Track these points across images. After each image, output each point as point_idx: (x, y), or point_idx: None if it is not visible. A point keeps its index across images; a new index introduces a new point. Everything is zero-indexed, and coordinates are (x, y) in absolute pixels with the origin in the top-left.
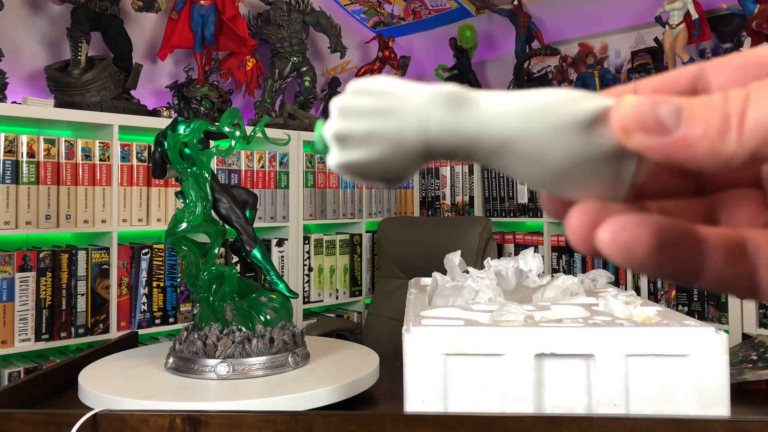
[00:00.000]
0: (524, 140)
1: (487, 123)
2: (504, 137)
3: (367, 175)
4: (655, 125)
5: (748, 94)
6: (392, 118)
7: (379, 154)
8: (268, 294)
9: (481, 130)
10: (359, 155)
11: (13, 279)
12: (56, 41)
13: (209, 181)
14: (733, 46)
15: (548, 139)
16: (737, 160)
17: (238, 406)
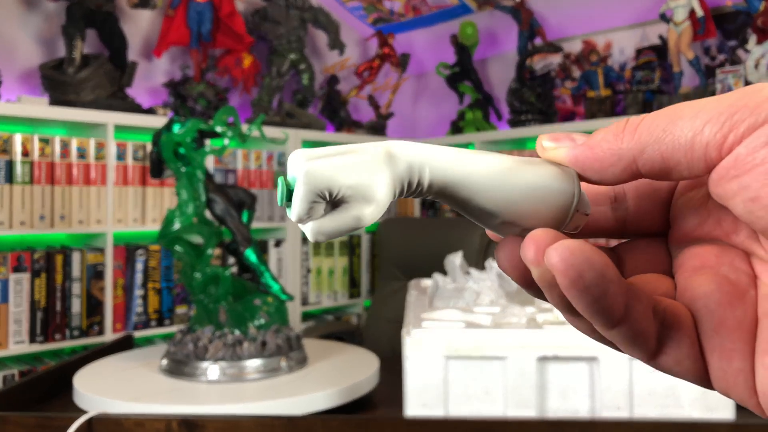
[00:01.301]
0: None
1: (448, 163)
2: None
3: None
4: (566, 138)
5: (643, 116)
6: (361, 172)
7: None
8: (263, 296)
9: (448, 166)
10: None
11: (7, 280)
12: (51, 39)
13: (203, 180)
14: (738, 44)
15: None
16: (628, 155)
17: (235, 410)
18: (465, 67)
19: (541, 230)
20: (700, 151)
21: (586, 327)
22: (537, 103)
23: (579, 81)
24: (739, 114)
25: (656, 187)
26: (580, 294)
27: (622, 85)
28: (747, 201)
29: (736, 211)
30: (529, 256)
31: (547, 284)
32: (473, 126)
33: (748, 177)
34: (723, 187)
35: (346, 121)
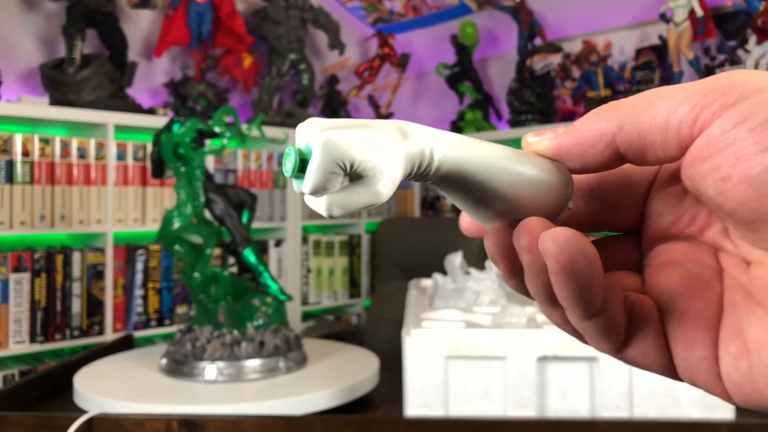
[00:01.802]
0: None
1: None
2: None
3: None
4: (548, 131)
5: (622, 99)
6: (378, 148)
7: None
8: (262, 297)
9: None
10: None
11: (8, 280)
12: (51, 39)
13: (202, 180)
14: (738, 44)
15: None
16: (607, 133)
17: (235, 410)
18: (465, 67)
19: (535, 219)
20: (673, 129)
21: (560, 318)
22: (537, 103)
23: (579, 81)
24: (711, 95)
25: (634, 182)
26: (569, 280)
27: (622, 85)
28: (718, 181)
29: (708, 193)
30: (523, 243)
31: (536, 271)
32: (473, 126)
33: (720, 157)
34: (696, 168)
35: None
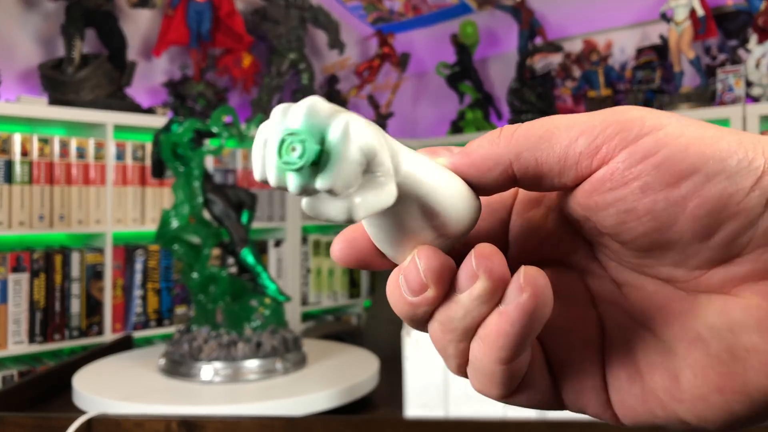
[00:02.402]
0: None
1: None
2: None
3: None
4: (443, 149)
5: (519, 125)
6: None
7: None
8: (260, 297)
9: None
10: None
11: (6, 280)
12: (50, 38)
13: (200, 180)
14: (739, 43)
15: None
16: (504, 158)
17: (235, 411)
18: (465, 66)
19: (488, 245)
20: (573, 160)
21: (459, 353)
22: (537, 103)
23: (579, 81)
24: (611, 129)
25: (493, 208)
26: (531, 322)
27: (623, 84)
28: (621, 212)
29: (605, 223)
30: (494, 267)
31: (483, 299)
32: (473, 126)
33: (624, 190)
34: (595, 198)
35: None
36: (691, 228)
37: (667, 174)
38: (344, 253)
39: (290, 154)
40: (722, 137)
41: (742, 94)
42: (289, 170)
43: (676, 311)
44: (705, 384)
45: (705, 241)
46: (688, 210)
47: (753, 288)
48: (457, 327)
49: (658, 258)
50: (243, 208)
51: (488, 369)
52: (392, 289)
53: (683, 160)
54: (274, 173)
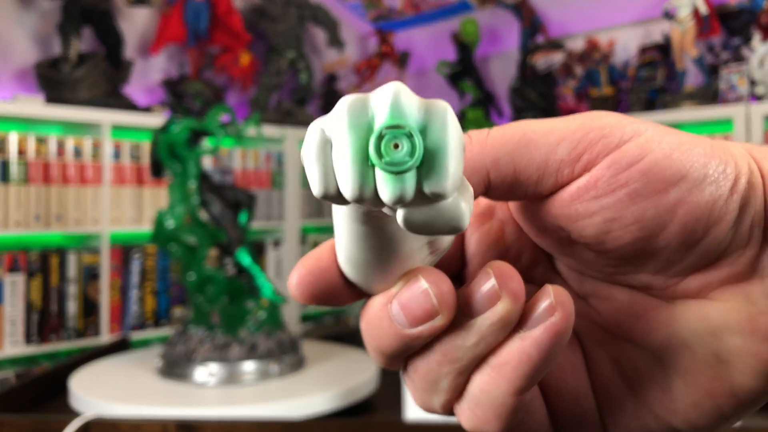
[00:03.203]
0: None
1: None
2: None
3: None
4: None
5: (488, 130)
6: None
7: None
8: (257, 299)
9: None
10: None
11: (2, 281)
12: (47, 37)
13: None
14: (743, 41)
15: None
16: (480, 165)
17: (233, 413)
18: (466, 65)
19: (505, 263)
20: (553, 168)
21: (453, 389)
22: (539, 102)
23: (582, 79)
24: (593, 134)
25: None
26: (554, 347)
27: (626, 83)
28: (606, 221)
29: (586, 232)
30: (517, 288)
31: (507, 322)
32: (474, 125)
33: (611, 197)
34: (576, 207)
35: None
36: (678, 235)
37: (655, 181)
38: (308, 288)
39: (394, 152)
40: (697, 143)
41: (745, 93)
42: (395, 172)
43: (655, 320)
44: (696, 391)
45: (691, 248)
46: (678, 217)
47: (731, 291)
48: (464, 356)
49: (639, 266)
50: (241, 209)
51: (498, 401)
52: (376, 322)
53: (670, 167)
54: (356, 181)
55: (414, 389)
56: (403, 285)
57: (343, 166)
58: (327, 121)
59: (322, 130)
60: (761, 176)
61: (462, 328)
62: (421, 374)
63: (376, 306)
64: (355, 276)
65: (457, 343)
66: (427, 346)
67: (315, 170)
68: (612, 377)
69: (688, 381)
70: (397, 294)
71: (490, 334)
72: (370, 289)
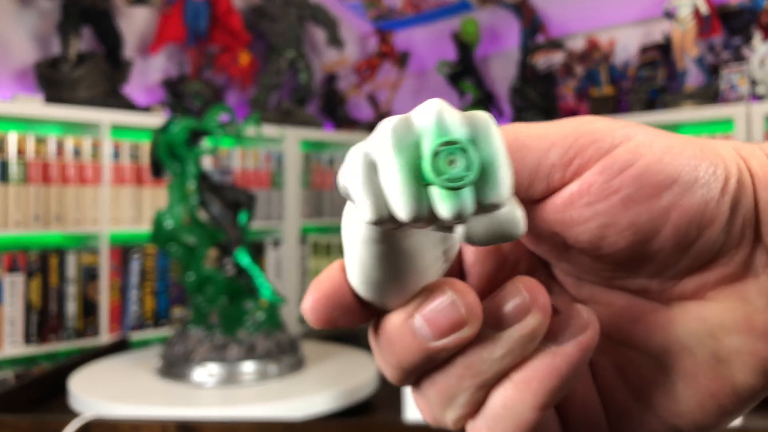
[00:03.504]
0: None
1: None
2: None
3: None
4: None
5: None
6: None
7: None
8: (255, 299)
9: None
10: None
11: (2, 281)
12: (46, 36)
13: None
14: (743, 41)
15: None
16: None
17: (233, 413)
18: (466, 64)
19: (529, 278)
20: (544, 172)
21: (472, 402)
22: (539, 102)
23: (582, 79)
24: (584, 139)
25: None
26: (586, 362)
27: (626, 83)
28: (601, 227)
29: (581, 237)
30: (546, 302)
31: (535, 336)
32: None
33: (604, 203)
34: (570, 213)
35: (345, 119)
36: (673, 238)
37: (648, 185)
38: (323, 312)
39: (451, 168)
40: (686, 146)
41: (746, 93)
42: (455, 187)
43: (654, 323)
44: (699, 392)
45: (685, 251)
46: (671, 221)
47: (726, 291)
48: (488, 370)
49: (635, 270)
50: (240, 209)
51: (522, 417)
52: (397, 337)
53: (661, 171)
54: (412, 202)
55: (426, 405)
56: (426, 298)
57: (396, 188)
58: (370, 146)
59: (366, 154)
60: (750, 175)
61: (488, 341)
62: (438, 388)
63: (396, 321)
64: (371, 294)
65: (483, 356)
66: (448, 360)
67: (365, 197)
68: (616, 384)
69: (690, 383)
70: (420, 307)
71: (518, 347)
72: (386, 306)
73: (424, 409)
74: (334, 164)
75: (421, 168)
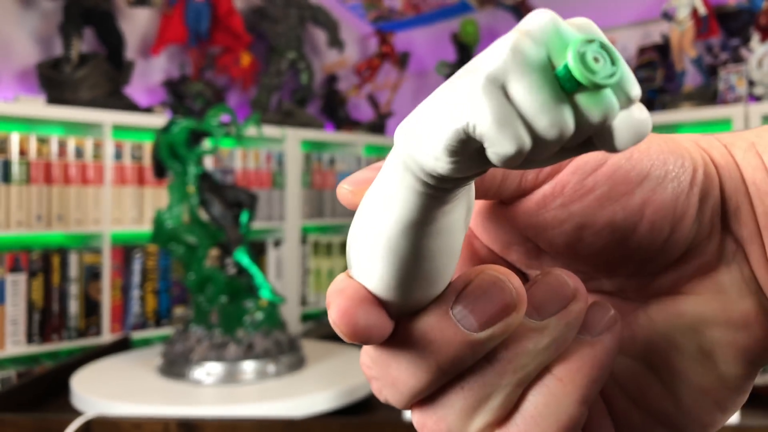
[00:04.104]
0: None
1: None
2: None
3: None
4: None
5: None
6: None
7: None
8: (255, 298)
9: None
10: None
11: (4, 281)
12: (48, 37)
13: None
14: (741, 42)
15: None
16: None
17: (234, 412)
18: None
19: (562, 269)
20: (516, 173)
21: (506, 403)
22: None
23: None
24: None
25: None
26: (616, 355)
27: None
28: (577, 228)
29: (557, 240)
30: (584, 290)
31: (577, 324)
32: None
33: (580, 203)
34: (543, 216)
35: (346, 120)
36: (649, 234)
37: (621, 183)
38: (351, 320)
39: (598, 66)
40: (652, 141)
41: (744, 94)
42: (610, 84)
43: (635, 323)
44: (691, 390)
45: (660, 246)
46: (646, 216)
47: (702, 283)
48: (531, 363)
49: (612, 271)
50: (242, 209)
51: (565, 413)
52: (436, 334)
53: (633, 168)
54: (558, 115)
55: (440, 418)
56: (466, 285)
57: (542, 105)
58: (493, 70)
59: (493, 78)
60: (714, 165)
61: (532, 330)
62: (470, 391)
63: (432, 317)
64: (400, 294)
65: (527, 347)
66: (486, 357)
67: (505, 127)
68: (614, 393)
69: (681, 381)
70: (460, 296)
71: (563, 335)
72: (415, 304)
73: (436, 428)
74: (334, 164)
75: (561, 78)
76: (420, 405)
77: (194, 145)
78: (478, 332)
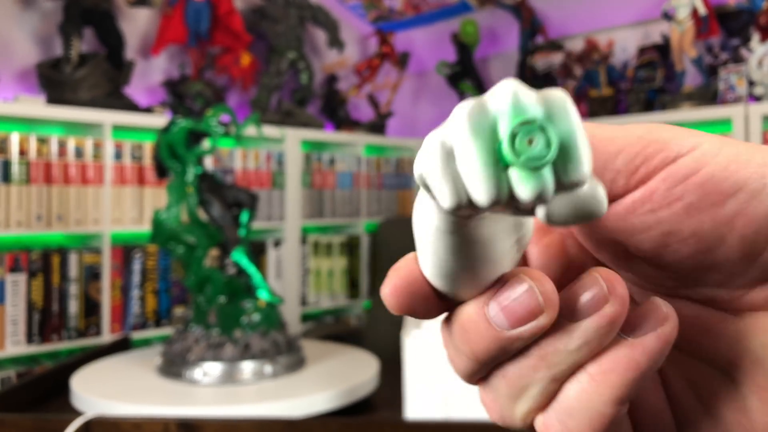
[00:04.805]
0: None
1: None
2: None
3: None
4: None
5: None
6: None
7: None
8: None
9: None
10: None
11: (4, 281)
12: (48, 37)
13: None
14: (741, 42)
15: None
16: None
17: (234, 412)
18: (466, 65)
19: (606, 269)
20: (608, 177)
21: (545, 394)
22: None
23: (581, 80)
24: (652, 148)
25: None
26: (664, 357)
27: (625, 84)
28: (664, 235)
29: (643, 246)
30: (624, 293)
31: (612, 327)
32: None
33: (666, 211)
34: (632, 221)
35: (346, 120)
36: (738, 247)
37: (711, 193)
38: (402, 298)
39: (530, 148)
40: (754, 153)
41: (744, 94)
42: (536, 167)
43: (724, 334)
44: None
45: (753, 260)
46: (736, 229)
47: None
48: (563, 361)
49: (700, 280)
50: (242, 209)
51: (597, 411)
52: (472, 326)
53: (726, 179)
54: (491, 185)
55: (494, 400)
56: (501, 286)
57: (475, 172)
58: (446, 133)
59: (443, 141)
60: None
61: (564, 331)
62: (510, 380)
63: (471, 310)
64: (445, 285)
65: (558, 347)
66: (522, 350)
67: (444, 184)
68: (686, 396)
69: (763, 398)
70: (495, 296)
71: (595, 338)
72: (460, 296)
73: (492, 406)
74: (334, 164)
75: (498, 151)
76: (481, 382)
77: (193, 145)
78: (508, 330)
